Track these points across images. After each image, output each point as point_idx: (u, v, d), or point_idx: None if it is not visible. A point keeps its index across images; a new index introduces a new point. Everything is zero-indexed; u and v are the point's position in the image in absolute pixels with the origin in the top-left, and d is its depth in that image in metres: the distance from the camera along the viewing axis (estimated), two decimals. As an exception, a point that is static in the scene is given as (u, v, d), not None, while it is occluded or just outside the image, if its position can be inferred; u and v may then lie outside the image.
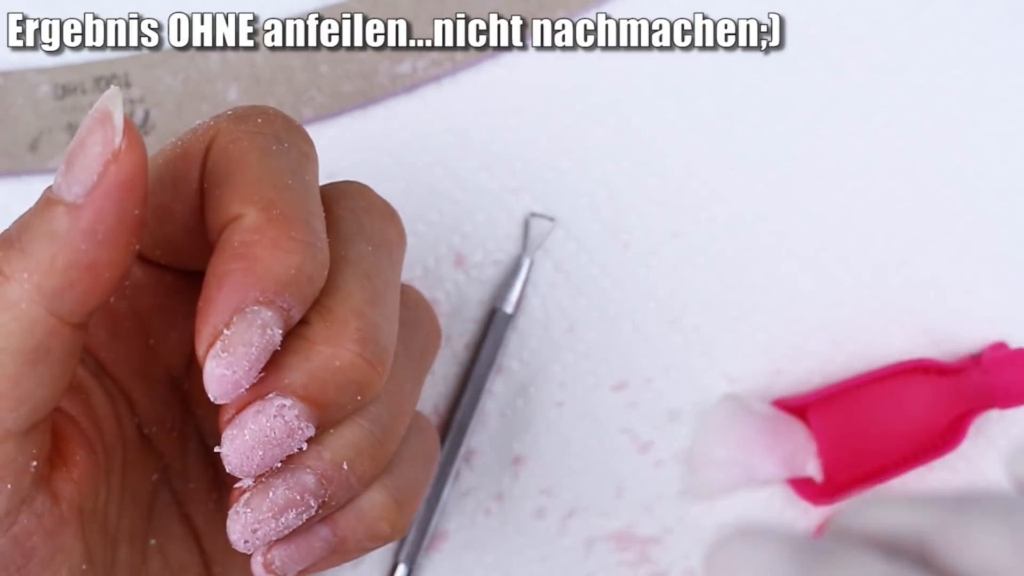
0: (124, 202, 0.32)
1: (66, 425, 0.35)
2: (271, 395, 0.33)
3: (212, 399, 0.33)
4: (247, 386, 0.33)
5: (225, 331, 0.32)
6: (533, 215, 0.47)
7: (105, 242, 0.32)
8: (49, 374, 0.32)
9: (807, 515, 0.46)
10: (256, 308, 0.32)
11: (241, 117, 0.35)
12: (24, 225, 0.32)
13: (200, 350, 0.32)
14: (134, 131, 0.32)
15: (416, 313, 0.39)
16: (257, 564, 0.35)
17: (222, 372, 0.32)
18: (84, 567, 0.35)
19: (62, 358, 0.33)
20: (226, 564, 0.39)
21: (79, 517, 0.34)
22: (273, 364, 0.33)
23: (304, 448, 0.34)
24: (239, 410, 0.33)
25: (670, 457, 0.46)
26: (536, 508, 0.46)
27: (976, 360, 0.46)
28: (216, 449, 0.34)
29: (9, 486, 0.33)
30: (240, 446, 0.33)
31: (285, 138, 0.35)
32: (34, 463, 0.33)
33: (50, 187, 0.32)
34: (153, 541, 0.38)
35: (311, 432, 0.33)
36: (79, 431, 0.35)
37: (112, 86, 0.32)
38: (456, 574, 0.46)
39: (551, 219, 0.47)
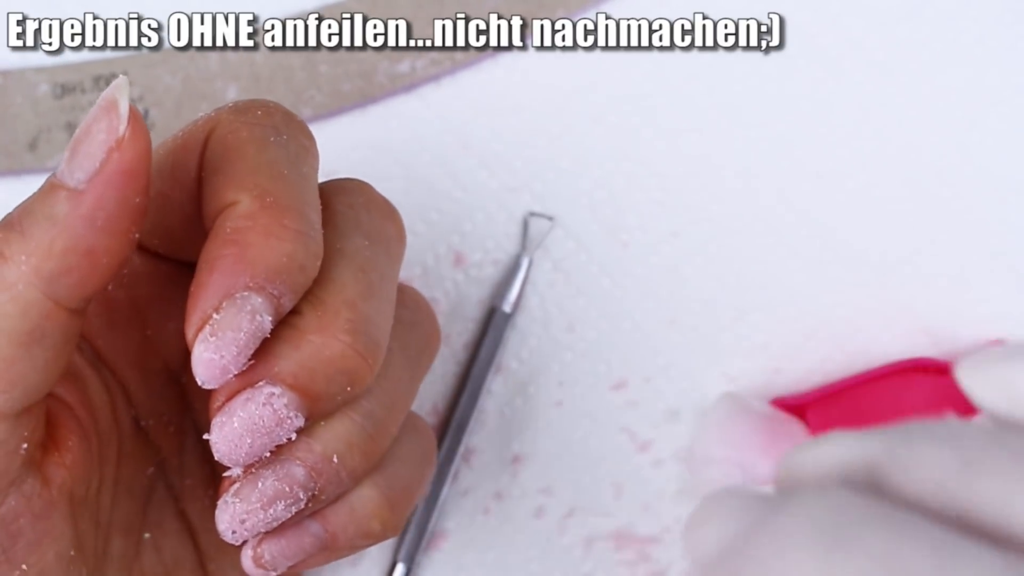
0: (125, 189, 0.32)
1: (61, 411, 0.35)
2: (261, 383, 0.33)
3: (200, 384, 0.33)
4: (235, 371, 0.32)
5: (215, 315, 0.32)
6: (532, 214, 0.47)
7: (105, 228, 0.32)
8: (43, 358, 0.32)
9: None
10: (246, 294, 0.32)
11: (242, 109, 0.35)
12: (26, 209, 0.32)
13: (189, 334, 0.32)
14: (139, 120, 0.32)
15: (415, 313, 0.39)
16: (247, 558, 0.35)
17: (210, 356, 0.32)
18: (73, 553, 0.35)
19: (57, 343, 0.33)
20: (220, 560, 0.39)
21: (69, 503, 0.34)
22: (263, 352, 0.33)
23: (293, 438, 0.34)
24: (228, 397, 0.33)
25: (669, 456, 0.46)
26: (535, 507, 0.46)
27: (977, 360, 0.46)
28: (205, 436, 0.34)
29: None
30: (229, 433, 0.33)
31: (284, 130, 0.35)
32: (25, 445, 0.33)
33: (54, 173, 0.32)
34: (147, 534, 0.38)
35: (300, 422, 0.33)
36: (74, 418, 0.35)
37: (120, 75, 0.33)
38: (455, 573, 0.45)
39: (550, 218, 0.47)
